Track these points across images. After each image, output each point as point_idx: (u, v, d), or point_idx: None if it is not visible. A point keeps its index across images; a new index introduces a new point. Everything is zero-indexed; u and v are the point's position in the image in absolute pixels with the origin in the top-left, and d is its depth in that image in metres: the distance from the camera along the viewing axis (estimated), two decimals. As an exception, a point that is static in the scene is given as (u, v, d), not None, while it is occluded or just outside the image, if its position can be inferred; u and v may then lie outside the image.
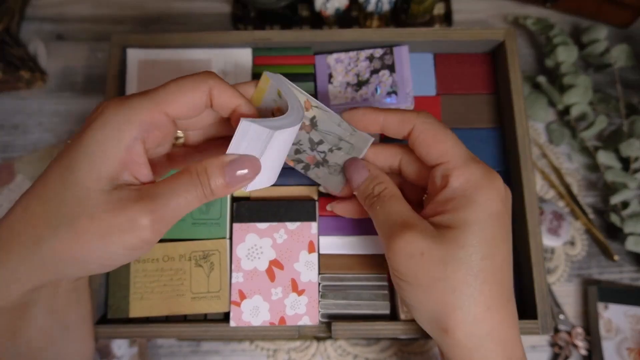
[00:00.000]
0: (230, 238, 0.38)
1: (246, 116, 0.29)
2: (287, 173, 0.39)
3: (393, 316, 0.37)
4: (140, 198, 0.25)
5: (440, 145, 0.30)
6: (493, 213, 0.29)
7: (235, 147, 0.27)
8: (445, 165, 0.30)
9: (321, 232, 0.38)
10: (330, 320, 0.37)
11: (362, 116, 0.32)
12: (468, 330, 0.28)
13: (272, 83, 0.31)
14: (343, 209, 0.36)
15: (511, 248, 0.30)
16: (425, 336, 0.35)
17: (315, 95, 0.41)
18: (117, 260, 0.27)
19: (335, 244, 0.38)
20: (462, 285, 0.28)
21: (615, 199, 0.48)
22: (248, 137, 0.27)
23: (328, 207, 0.37)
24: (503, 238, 0.29)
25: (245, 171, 0.27)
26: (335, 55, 0.42)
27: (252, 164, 0.27)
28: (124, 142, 0.26)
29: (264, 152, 0.27)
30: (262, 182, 0.30)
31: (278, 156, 0.31)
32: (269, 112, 0.33)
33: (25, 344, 0.28)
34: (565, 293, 0.48)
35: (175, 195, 0.26)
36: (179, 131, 0.31)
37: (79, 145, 0.26)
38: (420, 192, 0.34)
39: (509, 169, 0.41)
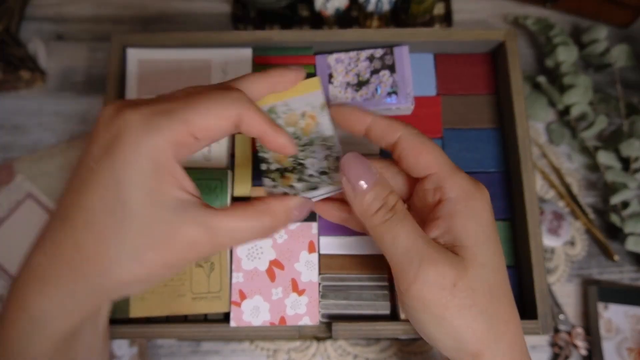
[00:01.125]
0: (231, 238, 0.38)
1: (274, 141, 0.29)
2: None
3: (393, 316, 0.37)
4: (199, 224, 0.25)
5: (429, 155, 0.29)
6: (490, 223, 0.29)
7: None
8: (436, 176, 0.29)
9: (321, 232, 0.38)
10: (331, 320, 0.37)
11: (349, 113, 0.31)
12: (495, 349, 0.28)
13: (320, 93, 0.31)
14: (328, 211, 0.33)
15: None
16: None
17: None
18: (173, 273, 0.28)
19: (336, 244, 0.38)
20: (488, 306, 0.28)
21: (615, 199, 0.48)
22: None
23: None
24: (500, 246, 0.29)
25: (304, 214, 0.29)
26: (335, 55, 0.42)
27: (309, 207, 0.29)
28: (167, 168, 0.25)
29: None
30: None
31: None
32: (296, 115, 0.32)
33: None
34: (565, 293, 0.48)
35: (239, 231, 0.27)
36: None
37: (116, 173, 0.24)
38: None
39: (509, 169, 0.41)
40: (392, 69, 0.40)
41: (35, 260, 0.26)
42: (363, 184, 0.28)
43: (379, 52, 0.41)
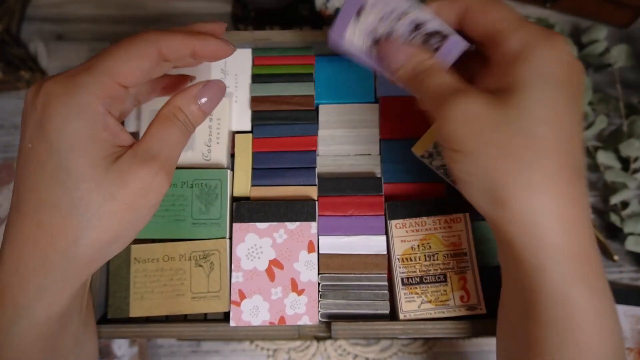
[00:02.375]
0: (230, 238, 0.38)
1: (213, 49, 0.30)
2: (287, 173, 0.39)
3: (393, 316, 0.37)
4: (143, 162, 0.26)
5: (495, 11, 0.27)
6: (554, 75, 0.25)
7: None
8: (502, 31, 0.27)
9: (321, 232, 0.38)
10: (330, 320, 0.37)
11: None
12: (526, 203, 0.24)
13: None
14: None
15: (581, 123, 0.26)
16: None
17: None
18: (147, 218, 0.28)
19: (335, 244, 0.38)
20: (518, 150, 0.24)
21: (615, 199, 0.48)
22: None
23: None
24: (568, 106, 0.25)
25: (215, 94, 0.29)
26: None
27: (218, 86, 0.29)
28: (98, 123, 0.25)
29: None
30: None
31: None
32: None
33: (57, 351, 0.28)
34: (565, 293, 0.48)
35: (169, 145, 0.27)
36: None
37: (54, 140, 0.25)
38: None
39: (509, 169, 0.41)
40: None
41: (5, 254, 0.26)
42: (401, 57, 0.29)
43: (430, 26, 0.30)
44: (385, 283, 0.37)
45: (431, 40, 0.30)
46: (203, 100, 0.29)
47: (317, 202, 0.38)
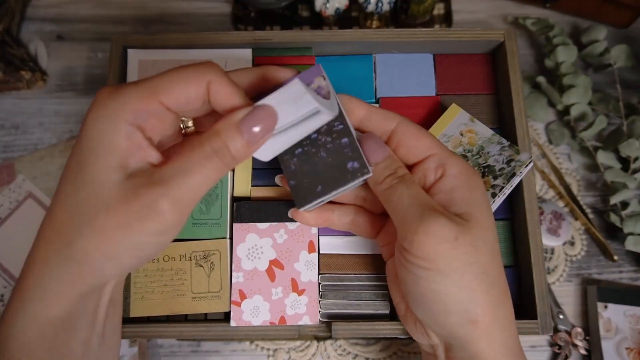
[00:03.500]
0: (231, 238, 0.38)
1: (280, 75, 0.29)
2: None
3: (393, 316, 0.37)
4: (153, 183, 0.24)
5: (428, 139, 0.31)
6: (487, 199, 0.31)
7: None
8: (437, 156, 0.31)
9: (321, 232, 0.38)
10: (330, 320, 0.37)
11: (348, 101, 0.32)
12: (494, 315, 0.28)
13: (464, 112, 0.35)
14: (315, 218, 0.34)
15: None
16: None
17: None
18: (148, 250, 0.26)
19: (335, 244, 0.38)
20: (489, 269, 0.28)
21: (615, 199, 0.48)
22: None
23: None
24: (494, 221, 0.31)
25: (263, 125, 0.25)
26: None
27: (268, 114, 0.25)
28: (122, 130, 0.25)
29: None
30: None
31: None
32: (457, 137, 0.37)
33: (68, 355, 0.28)
34: (565, 293, 0.48)
35: (188, 174, 0.25)
36: (186, 118, 0.30)
37: (81, 141, 0.25)
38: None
39: (509, 169, 0.41)
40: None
41: (31, 257, 0.27)
42: (379, 155, 0.31)
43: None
44: (385, 283, 0.37)
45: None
46: (254, 128, 0.25)
47: (317, 202, 0.38)
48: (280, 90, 0.25)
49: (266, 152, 0.29)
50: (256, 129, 0.25)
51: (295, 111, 0.25)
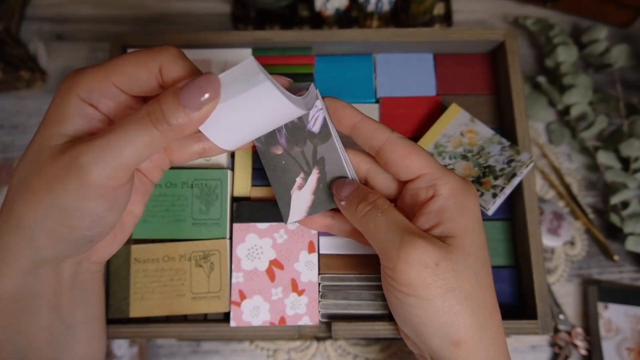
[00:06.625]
0: (231, 238, 0.38)
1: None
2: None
3: (392, 316, 0.37)
4: (81, 142, 0.25)
5: (419, 157, 0.30)
6: (478, 219, 0.30)
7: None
8: (429, 175, 0.30)
9: (321, 232, 0.38)
10: (330, 320, 0.37)
11: (342, 107, 0.31)
12: (478, 339, 0.28)
13: (464, 112, 0.35)
14: (315, 223, 0.34)
15: None
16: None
17: None
18: (78, 219, 0.25)
19: (335, 244, 0.38)
20: (473, 293, 0.28)
21: (615, 199, 0.48)
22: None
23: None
24: (485, 242, 0.31)
25: (204, 91, 0.24)
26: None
27: (209, 81, 0.24)
28: (72, 103, 0.26)
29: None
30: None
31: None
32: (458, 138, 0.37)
33: (25, 339, 0.28)
34: (565, 293, 0.48)
35: (116, 132, 0.24)
36: None
37: (45, 115, 0.27)
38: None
39: (509, 169, 0.41)
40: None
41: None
42: (346, 190, 0.31)
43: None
44: (386, 283, 0.37)
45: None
46: (198, 98, 0.24)
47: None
48: (235, 67, 0.24)
49: (222, 134, 0.27)
50: (197, 95, 0.24)
51: (245, 88, 0.24)
